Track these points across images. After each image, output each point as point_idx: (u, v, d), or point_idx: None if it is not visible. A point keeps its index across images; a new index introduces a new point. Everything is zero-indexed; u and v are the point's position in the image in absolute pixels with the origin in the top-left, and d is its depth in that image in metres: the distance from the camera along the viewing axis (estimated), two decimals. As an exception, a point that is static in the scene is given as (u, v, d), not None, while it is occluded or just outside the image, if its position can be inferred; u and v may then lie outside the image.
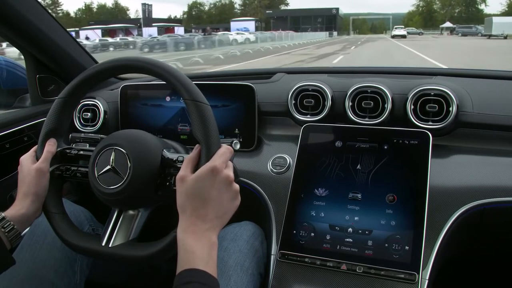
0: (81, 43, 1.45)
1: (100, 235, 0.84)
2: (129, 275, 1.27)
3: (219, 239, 0.72)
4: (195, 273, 0.66)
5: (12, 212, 0.82)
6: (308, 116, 1.19)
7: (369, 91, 1.13)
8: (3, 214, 0.81)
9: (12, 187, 1.19)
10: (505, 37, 36.91)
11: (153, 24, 59.85)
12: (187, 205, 0.71)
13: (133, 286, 1.35)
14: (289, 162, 1.11)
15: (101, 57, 1.19)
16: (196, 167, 0.74)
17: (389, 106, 1.11)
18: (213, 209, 0.71)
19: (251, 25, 68.92)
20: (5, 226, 0.79)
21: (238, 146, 0.83)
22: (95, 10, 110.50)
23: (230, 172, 0.74)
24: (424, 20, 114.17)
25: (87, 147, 0.93)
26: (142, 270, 1.31)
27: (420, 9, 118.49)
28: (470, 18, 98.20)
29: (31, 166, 0.85)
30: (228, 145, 0.79)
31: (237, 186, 0.75)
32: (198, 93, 0.78)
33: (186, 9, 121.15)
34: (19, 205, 0.83)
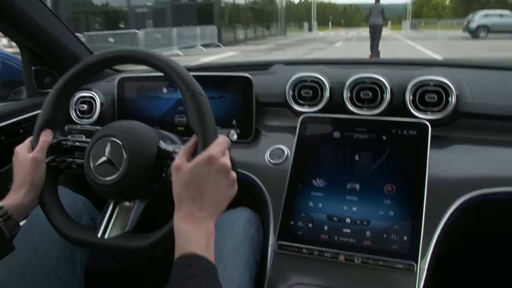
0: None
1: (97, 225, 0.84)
2: (128, 264, 1.27)
3: (215, 226, 0.72)
4: (193, 258, 0.66)
5: (8, 202, 0.81)
6: (306, 107, 1.18)
7: (367, 81, 1.13)
8: (0, 204, 0.80)
9: (8, 180, 1.18)
10: None
11: None
12: (184, 194, 0.71)
13: (132, 275, 1.35)
14: (287, 153, 1.10)
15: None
16: (192, 156, 0.74)
17: (387, 96, 1.10)
18: (209, 197, 0.71)
19: None
20: (2, 215, 0.79)
21: (235, 137, 0.83)
22: None
23: (227, 161, 0.73)
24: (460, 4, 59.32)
25: (83, 138, 0.92)
26: (140, 259, 1.31)
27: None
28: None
29: (27, 155, 0.85)
30: (225, 135, 0.78)
31: (234, 174, 0.75)
32: (194, 84, 0.78)
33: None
34: (14, 195, 0.82)
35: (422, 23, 40.26)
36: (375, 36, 11.90)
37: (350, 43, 22.92)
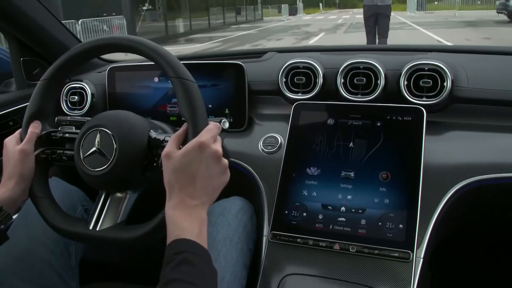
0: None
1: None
2: (124, 255, 1.27)
3: (207, 215, 0.71)
4: (185, 243, 0.65)
5: None
6: (300, 94, 1.16)
7: (361, 67, 1.11)
8: None
9: None
10: None
11: None
12: (174, 181, 0.69)
13: (129, 266, 1.35)
14: (281, 141, 1.09)
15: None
16: (182, 144, 0.73)
17: (382, 82, 1.09)
18: (201, 184, 0.70)
19: None
20: None
21: (227, 125, 0.81)
22: None
23: (218, 147, 0.72)
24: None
25: (73, 130, 0.91)
26: (137, 250, 1.30)
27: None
28: None
29: (15, 147, 0.83)
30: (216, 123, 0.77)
31: (226, 161, 0.74)
32: (183, 70, 0.76)
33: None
34: (4, 188, 0.81)
35: (435, 1, 28.67)
36: (379, 29, 6.64)
37: (336, 35, 15.63)
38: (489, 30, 13.04)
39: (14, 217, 0.87)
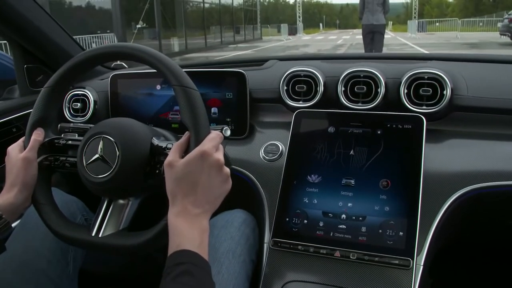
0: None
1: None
2: (123, 264, 1.27)
3: (210, 227, 0.72)
4: (186, 254, 0.65)
5: None
6: (301, 102, 1.17)
7: (361, 75, 1.12)
8: None
9: (1, 180, 1.18)
10: None
11: None
12: (177, 190, 0.70)
13: (128, 275, 1.35)
14: (282, 149, 1.10)
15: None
16: (185, 152, 0.73)
17: (382, 90, 1.09)
18: (203, 193, 0.70)
19: None
20: None
21: (228, 133, 0.82)
22: None
23: (220, 156, 0.73)
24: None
25: (76, 137, 0.91)
26: (137, 259, 1.30)
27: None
28: None
29: (18, 155, 0.84)
30: (218, 131, 0.78)
31: (227, 169, 0.75)
32: (186, 78, 0.77)
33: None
34: (6, 195, 0.82)
35: (436, 23, 29.69)
36: (374, 44, 7.53)
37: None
38: (494, 52, 12.66)
39: (14, 224, 0.87)
